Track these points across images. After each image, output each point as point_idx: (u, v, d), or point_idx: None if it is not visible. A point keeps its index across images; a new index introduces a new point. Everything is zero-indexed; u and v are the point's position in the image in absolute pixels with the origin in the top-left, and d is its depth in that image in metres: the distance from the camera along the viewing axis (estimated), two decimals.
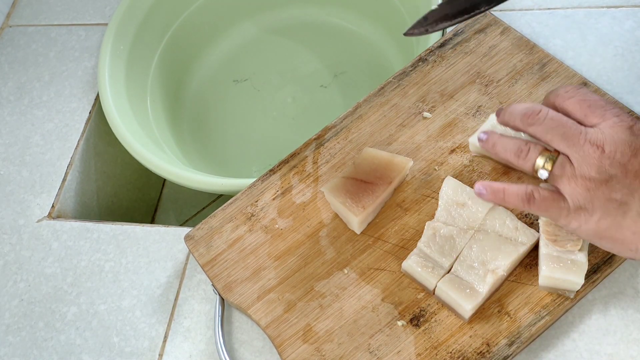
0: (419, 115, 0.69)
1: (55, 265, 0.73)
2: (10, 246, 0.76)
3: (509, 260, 0.56)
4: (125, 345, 0.67)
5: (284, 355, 0.59)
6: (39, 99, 0.89)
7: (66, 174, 0.82)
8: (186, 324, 0.66)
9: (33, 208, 0.79)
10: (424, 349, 0.57)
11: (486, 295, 0.57)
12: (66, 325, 0.69)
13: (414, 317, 0.58)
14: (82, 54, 0.93)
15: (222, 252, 0.65)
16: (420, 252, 0.59)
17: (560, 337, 0.58)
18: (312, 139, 0.70)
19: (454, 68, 0.71)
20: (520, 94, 0.68)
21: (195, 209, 1.09)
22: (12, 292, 0.73)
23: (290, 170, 0.69)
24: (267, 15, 1.05)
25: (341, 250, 0.63)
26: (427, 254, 0.59)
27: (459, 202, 0.60)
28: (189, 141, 0.99)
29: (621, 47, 0.72)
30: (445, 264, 0.58)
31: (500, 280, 0.57)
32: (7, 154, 0.85)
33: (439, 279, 0.57)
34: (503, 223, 0.59)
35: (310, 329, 0.60)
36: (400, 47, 0.95)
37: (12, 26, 0.98)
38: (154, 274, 0.70)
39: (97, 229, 0.75)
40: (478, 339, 0.56)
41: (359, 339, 0.58)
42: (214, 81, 1.05)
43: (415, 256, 0.59)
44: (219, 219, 0.67)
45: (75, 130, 0.86)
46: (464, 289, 0.56)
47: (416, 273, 0.58)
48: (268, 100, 1.03)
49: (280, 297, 0.62)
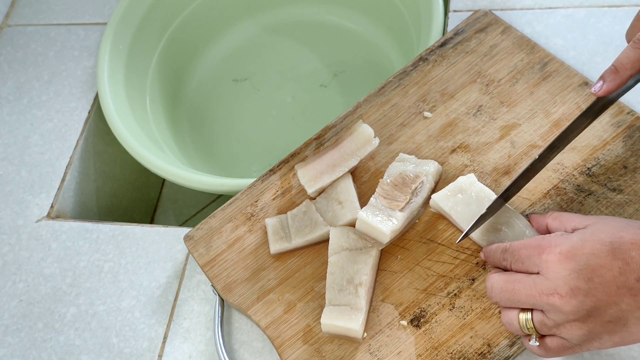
0: (420, 114, 0.69)
1: (54, 265, 0.73)
2: (9, 246, 0.76)
3: (369, 267, 0.58)
4: (125, 346, 0.66)
5: (284, 356, 0.59)
6: (38, 98, 0.89)
7: (65, 174, 0.82)
8: (185, 324, 0.66)
9: (32, 208, 0.79)
10: (425, 349, 0.57)
11: (367, 308, 0.58)
12: (65, 325, 0.69)
13: (414, 317, 0.58)
14: (82, 54, 0.92)
15: (222, 253, 0.65)
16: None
17: None
18: (312, 138, 0.70)
19: (455, 67, 0.71)
20: (521, 93, 0.67)
21: (194, 209, 1.09)
22: (11, 292, 0.72)
23: (291, 170, 0.69)
24: (266, 14, 1.05)
25: None
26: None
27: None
28: (188, 141, 0.99)
29: (622, 46, 0.72)
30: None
31: (371, 289, 0.59)
32: (6, 153, 0.85)
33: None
34: (347, 238, 0.60)
35: (310, 330, 0.60)
36: (400, 46, 0.95)
37: (12, 26, 0.98)
38: (154, 274, 0.70)
39: (96, 229, 0.75)
40: (479, 339, 0.56)
41: (359, 339, 0.58)
42: (213, 80, 1.05)
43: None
44: (219, 219, 0.67)
45: (74, 130, 0.85)
46: (345, 313, 0.57)
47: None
48: (268, 100, 1.03)
49: (280, 297, 0.62)
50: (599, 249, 0.46)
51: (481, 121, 0.67)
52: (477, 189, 0.60)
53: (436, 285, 0.59)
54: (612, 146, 0.63)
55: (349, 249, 0.60)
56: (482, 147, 0.65)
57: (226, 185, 0.75)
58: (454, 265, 0.60)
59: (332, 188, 0.64)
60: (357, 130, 0.66)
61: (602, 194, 0.60)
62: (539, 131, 0.65)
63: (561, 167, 0.62)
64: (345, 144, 0.66)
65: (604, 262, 0.46)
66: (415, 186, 0.61)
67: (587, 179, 0.61)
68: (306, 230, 0.63)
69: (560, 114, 0.65)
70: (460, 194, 0.60)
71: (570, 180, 0.62)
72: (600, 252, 0.46)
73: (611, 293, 0.46)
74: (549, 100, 0.66)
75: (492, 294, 0.52)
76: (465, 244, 0.60)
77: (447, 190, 0.61)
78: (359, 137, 0.65)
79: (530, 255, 0.50)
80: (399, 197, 0.60)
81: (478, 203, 0.59)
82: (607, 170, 0.61)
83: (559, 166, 0.63)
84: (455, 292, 0.58)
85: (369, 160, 0.67)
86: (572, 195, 0.61)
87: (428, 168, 0.62)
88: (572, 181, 0.62)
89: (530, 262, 0.50)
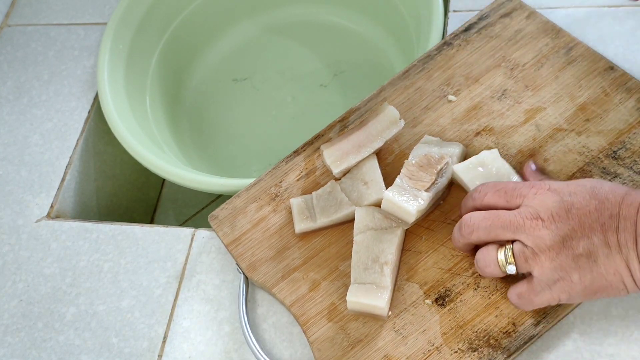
0: (444, 98, 0.69)
1: (54, 265, 0.73)
2: (9, 246, 0.76)
3: (394, 247, 0.59)
4: (125, 346, 0.66)
5: (309, 334, 0.59)
6: (38, 98, 0.89)
7: (65, 174, 0.82)
8: (186, 324, 0.66)
9: (32, 208, 0.79)
10: (449, 328, 0.57)
11: (392, 286, 0.58)
12: (65, 325, 0.69)
13: (439, 296, 0.58)
14: (82, 53, 0.92)
15: (247, 232, 0.65)
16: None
17: (561, 338, 0.58)
18: (336, 121, 0.70)
19: (479, 52, 0.71)
20: (547, 77, 0.68)
21: (194, 209, 1.09)
22: (11, 292, 0.72)
23: (315, 151, 0.69)
24: (266, 14, 1.05)
25: None
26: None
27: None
28: (188, 141, 0.99)
29: (622, 46, 0.72)
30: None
31: (396, 268, 0.60)
32: (5, 153, 0.84)
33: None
34: (372, 218, 0.61)
35: (335, 308, 0.60)
36: (400, 46, 0.95)
37: (11, 25, 0.98)
38: (153, 274, 0.70)
39: (96, 229, 0.75)
40: (504, 318, 0.56)
41: (384, 317, 0.58)
42: (213, 80, 1.04)
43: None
44: (243, 200, 0.67)
45: (74, 129, 0.85)
46: (371, 291, 0.57)
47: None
48: (268, 100, 1.03)
49: (305, 276, 0.62)
50: (580, 190, 0.51)
51: (506, 105, 0.67)
52: (499, 165, 0.61)
53: (461, 266, 0.59)
54: (638, 130, 0.63)
55: (374, 229, 0.60)
56: (507, 130, 0.66)
57: (226, 185, 0.75)
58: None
59: (357, 169, 0.65)
60: (383, 112, 0.66)
61: (628, 177, 0.61)
62: (565, 115, 0.65)
63: (587, 150, 0.63)
64: (371, 125, 0.66)
65: (582, 199, 0.50)
66: (441, 167, 0.61)
67: (613, 162, 0.62)
68: (331, 210, 0.63)
69: (585, 98, 0.66)
70: (481, 167, 0.61)
71: (596, 163, 0.62)
72: (581, 192, 0.51)
73: (585, 225, 0.49)
74: (574, 84, 0.67)
75: (471, 222, 0.54)
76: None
77: (469, 162, 0.61)
78: (385, 119, 0.66)
79: (518, 187, 0.54)
80: (425, 177, 0.60)
81: (497, 179, 0.60)
82: (633, 154, 0.62)
83: (585, 149, 0.63)
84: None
85: (393, 142, 0.68)
86: (598, 178, 0.61)
87: (453, 149, 0.63)
88: (598, 164, 0.62)
89: (516, 192, 0.53)
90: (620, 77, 0.66)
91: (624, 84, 0.66)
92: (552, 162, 0.63)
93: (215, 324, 0.65)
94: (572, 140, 0.64)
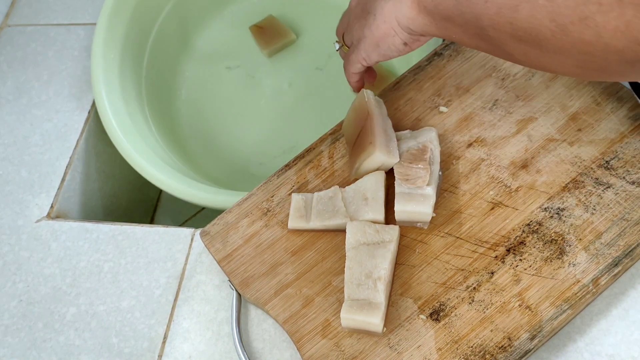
0: (435, 109, 0.69)
1: (54, 265, 0.73)
2: (9, 246, 0.76)
3: (387, 262, 0.59)
4: (125, 346, 0.66)
5: (302, 351, 0.59)
6: (38, 98, 0.89)
7: (65, 174, 0.82)
8: (186, 324, 0.66)
9: (32, 208, 0.79)
10: (445, 343, 0.57)
11: (386, 302, 0.58)
12: (65, 326, 0.69)
13: (433, 311, 0.58)
14: (81, 54, 0.92)
15: (239, 248, 0.65)
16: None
17: (562, 338, 0.58)
18: (327, 133, 0.70)
19: (470, 62, 0.71)
20: (538, 87, 0.68)
21: (194, 209, 1.09)
22: (11, 292, 0.72)
23: (306, 165, 0.69)
24: None
25: None
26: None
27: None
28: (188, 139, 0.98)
29: None
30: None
31: (390, 283, 0.59)
32: (5, 153, 0.84)
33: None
34: (364, 233, 0.61)
35: (329, 324, 0.60)
36: None
37: (11, 26, 0.98)
38: (153, 274, 0.70)
39: (96, 229, 0.75)
40: (499, 333, 0.56)
41: (379, 333, 0.58)
42: (206, 70, 1.02)
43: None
44: (235, 215, 0.67)
45: (74, 130, 0.85)
46: (365, 307, 0.57)
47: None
48: (264, 89, 1.00)
49: (298, 292, 0.62)
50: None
51: (497, 115, 0.67)
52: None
53: (455, 279, 0.59)
54: (630, 139, 0.63)
55: (367, 244, 0.60)
56: (499, 141, 0.66)
57: (218, 201, 0.76)
58: (472, 259, 0.60)
59: (363, 182, 0.64)
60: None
61: (620, 187, 0.61)
62: (556, 125, 0.65)
63: (579, 161, 0.63)
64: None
65: None
66: (427, 156, 0.62)
67: (606, 172, 0.62)
68: (326, 215, 0.63)
69: (576, 107, 0.66)
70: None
71: (589, 173, 0.62)
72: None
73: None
74: (565, 93, 0.67)
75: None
76: (484, 238, 0.60)
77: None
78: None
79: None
80: (419, 173, 0.61)
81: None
82: (626, 163, 0.62)
83: (577, 159, 0.63)
84: (475, 286, 0.58)
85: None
86: (591, 188, 0.61)
87: (429, 135, 0.64)
88: (591, 174, 0.62)
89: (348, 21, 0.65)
90: (611, 86, 0.66)
91: (615, 93, 0.66)
92: (544, 173, 0.63)
93: (215, 324, 0.65)
94: (565, 150, 0.64)
